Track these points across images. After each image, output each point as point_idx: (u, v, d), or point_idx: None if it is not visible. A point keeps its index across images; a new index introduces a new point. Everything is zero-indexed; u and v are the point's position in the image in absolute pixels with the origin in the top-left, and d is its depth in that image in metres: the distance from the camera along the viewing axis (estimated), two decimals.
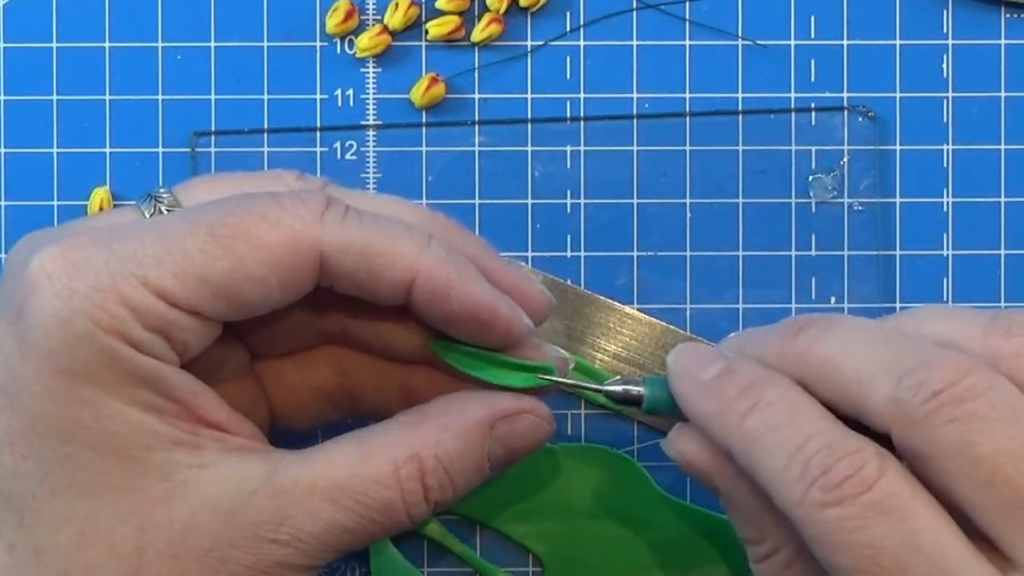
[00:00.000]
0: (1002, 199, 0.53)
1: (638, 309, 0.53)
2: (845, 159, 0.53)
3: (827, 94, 0.53)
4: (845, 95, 0.53)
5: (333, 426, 0.47)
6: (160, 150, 0.53)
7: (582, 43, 0.53)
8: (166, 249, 0.41)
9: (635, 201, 0.53)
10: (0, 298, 0.42)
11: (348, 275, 0.42)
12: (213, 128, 0.53)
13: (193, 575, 0.41)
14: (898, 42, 0.53)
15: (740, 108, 0.53)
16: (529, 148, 0.53)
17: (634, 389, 0.45)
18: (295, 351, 0.47)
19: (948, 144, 0.53)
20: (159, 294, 0.40)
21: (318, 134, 0.53)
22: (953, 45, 0.53)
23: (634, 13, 0.53)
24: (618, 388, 0.45)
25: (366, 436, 0.44)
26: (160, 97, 0.53)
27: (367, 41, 0.53)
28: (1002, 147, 0.53)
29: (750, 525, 0.44)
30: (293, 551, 0.42)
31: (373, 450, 0.43)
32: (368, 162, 0.53)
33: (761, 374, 0.43)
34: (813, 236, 0.53)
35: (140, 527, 0.41)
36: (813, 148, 0.53)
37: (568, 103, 0.53)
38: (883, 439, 0.41)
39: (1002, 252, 0.53)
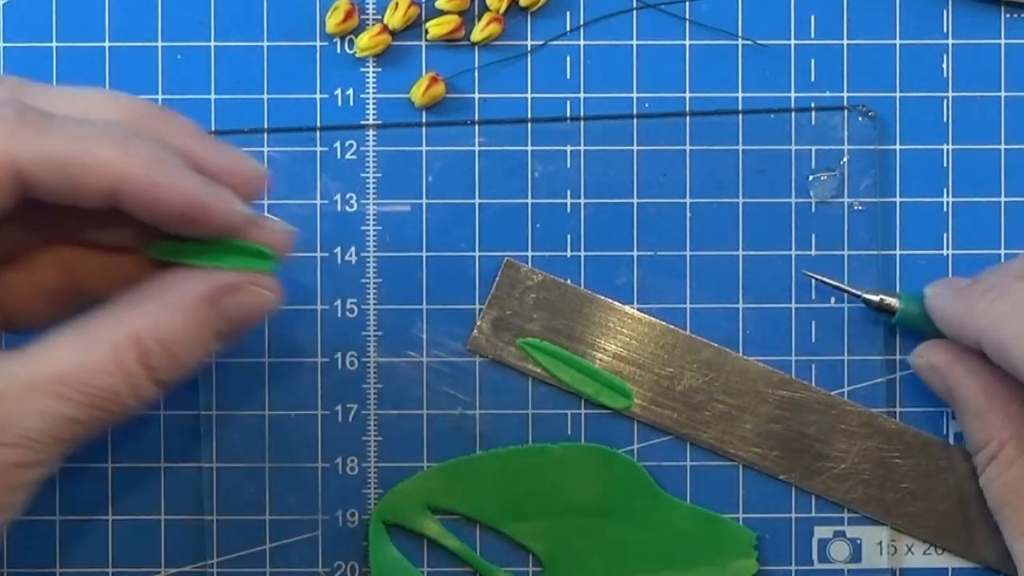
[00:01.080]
0: (1002, 199, 0.53)
1: (638, 309, 0.53)
2: (845, 159, 0.53)
3: (827, 94, 0.53)
4: (845, 95, 0.53)
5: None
6: None
7: (582, 43, 0.53)
8: None
9: (635, 201, 0.53)
10: None
11: (48, 188, 0.41)
12: (213, 128, 0.53)
13: None
14: (898, 42, 0.53)
15: (740, 108, 0.53)
16: (529, 148, 0.53)
17: (889, 299, 0.51)
18: (14, 258, 0.45)
19: (948, 144, 0.53)
20: None
21: (318, 134, 0.53)
22: (953, 45, 0.53)
23: (634, 13, 0.53)
24: (875, 297, 0.51)
25: (85, 324, 0.43)
26: (160, 97, 0.53)
27: (367, 41, 0.53)
28: (1002, 147, 0.53)
29: (978, 424, 0.49)
30: (23, 451, 0.41)
31: (91, 338, 0.42)
32: (368, 162, 0.53)
33: (1004, 279, 0.48)
34: (813, 236, 0.53)
35: None
36: (813, 148, 0.53)
37: (568, 103, 0.53)
38: None
39: (1002, 252, 0.53)
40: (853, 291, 0.51)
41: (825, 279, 0.52)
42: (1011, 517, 0.48)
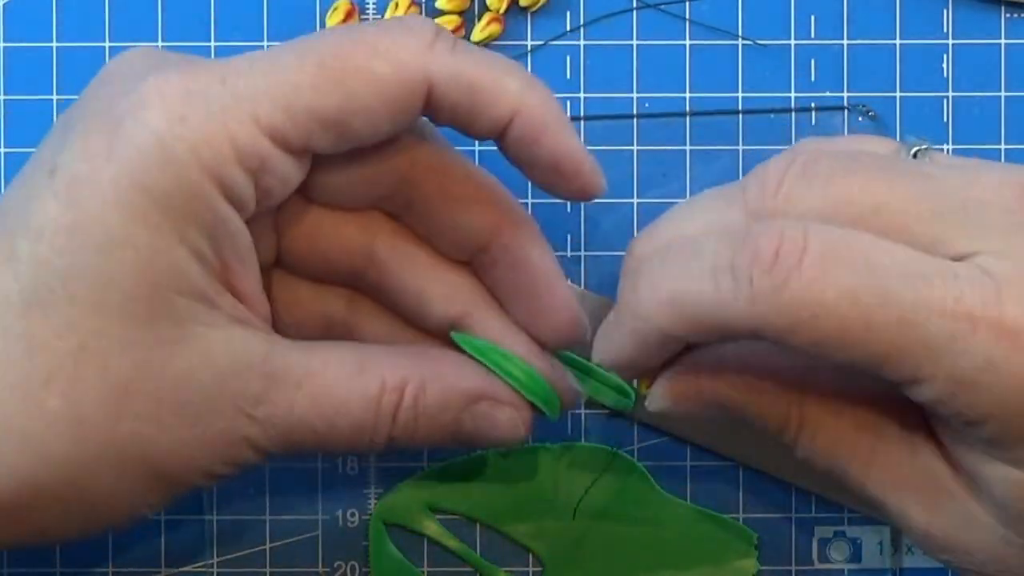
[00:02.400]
0: None
1: None
2: None
3: (827, 94, 0.53)
4: (845, 95, 0.53)
5: None
6: None
7: (582, 43, 0.53)
8: (277, 84, 0.41)
9: (635, 201, 0.53)
10: (93, 99, 0.42)
11: (451, 107, 0.42)
12: None
13: (167, 422, 0.42)
14: (898, 42, 0.53)
15: (740, 108, 0.53)
16: None
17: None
18: (346, 207, 0.46)
19: (948, 144, 0.53)
20: (268, 132, 0.41)
21: None
22: (953, 45, 0.53)
23: (634, 13, 0.53)
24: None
25: (367, 352, 0.44)
26: None
27: None
28: (1002, 147, 0.53)
29: (764, 411, 0.43)
30: (261, 431, 0.43)
31: (368, 365, 0.43)
32: None
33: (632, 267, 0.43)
34: None
35: (138, 362, 0.41)
36: None
37: (568, 103, 0.53)
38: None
39: None
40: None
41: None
42: (847, 471, 0.43)
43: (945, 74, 0.53)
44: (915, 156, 0.43)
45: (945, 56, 0.53)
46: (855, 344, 0.38)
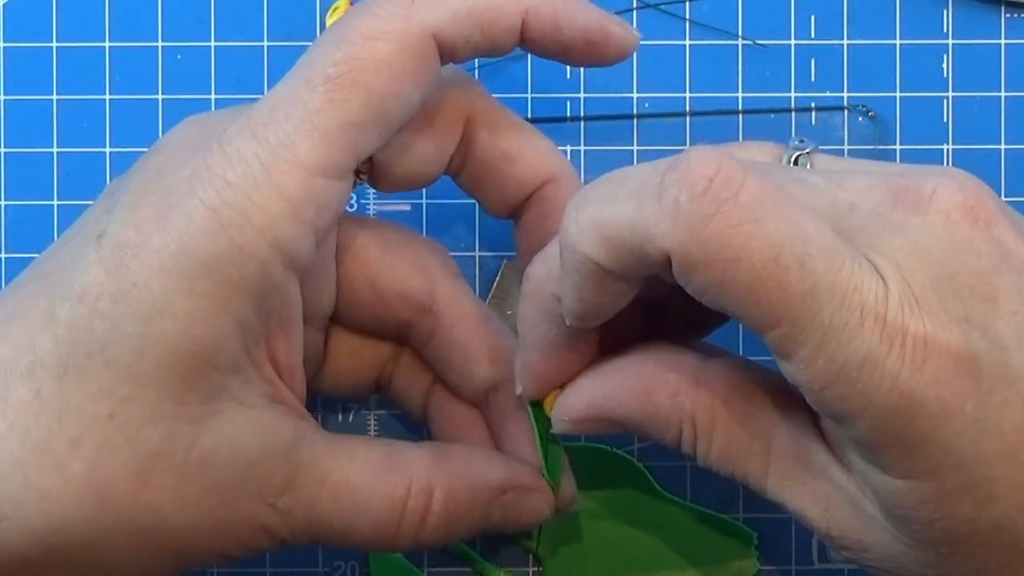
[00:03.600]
0: (1002, 199, 0.53)
1: None
2: None
3: (827, 94, 0.53)
4: (845, 95, 0.53)
5: None
6: None
7: None
8: (302, 117, 0.41)
9: None
10: (143, 170, 0.42)
11: (463, 43, 0.43)
12: None
13: (189, 501, 0.41)
14: (898, 42, 0.53)
15: (740, 108, 0.53)
16: None
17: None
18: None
19: (948, 144, 0.53)
20: (314, 170, 0.41)
21: None
22: (953, 45, 0.53)
23: (634, 13, 0.53)
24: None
25: (393, 450, 0.44)
26: (160, 97, 0.53)
27: None
28: (1002, 147, 0.53)
29: (657, 422, 0.42)
30: (281, 523, 0.42)
31: (394, 466, 0.44)
32: None
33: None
34: None
35: (165, 436, 0.41)
36: None
37: (568, 103, 0.53)
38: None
39: None
40: None
41: None
42: (747, 475, 0.43)
43: (945, 74, 0.53)
44: (795, 161, 0.43)
45: (945, 56, 0.53)
46: (758, 302, 0.37)
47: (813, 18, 0.53)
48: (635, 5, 0.53)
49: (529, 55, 0.53)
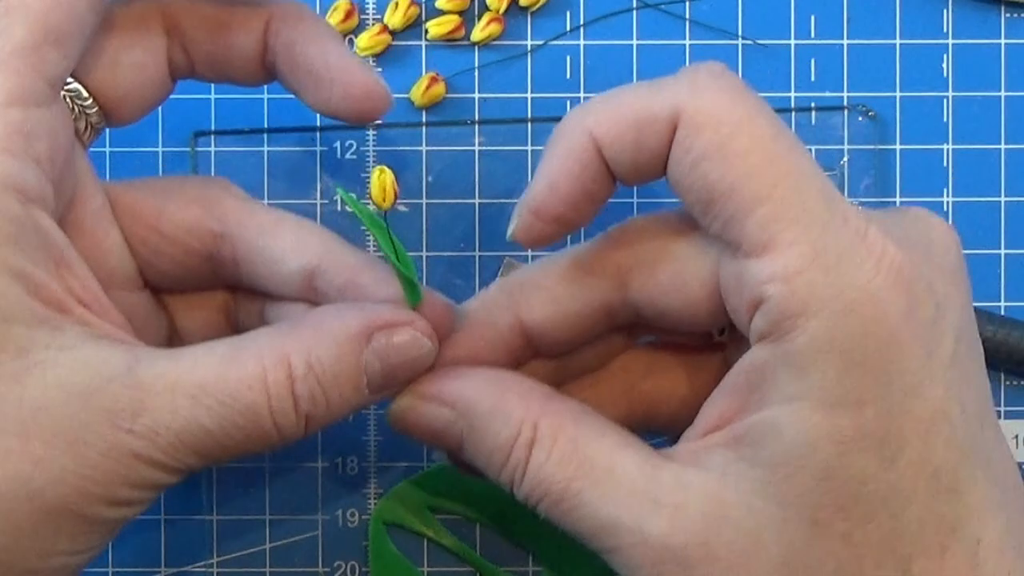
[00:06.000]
0: (1002, 199, 0.53)
1: None
2: (845, 159, 0.53)
3: (827, 94, 0.53)
4: (845, 95, 0.53)
5: None
6: (160, 150, 0.53)
7: (582, 43, 0.53)
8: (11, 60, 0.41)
9: (635, 201, 0.53)
10: None
11: (197, 29, 0.45)
12: (213, 128, 0.53)
13: (42, 455, 0.40)
14: (898, 42, 0.53)
15: None
16: (529, 148, 0.53)
17: None
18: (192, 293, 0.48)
19: (948, 144, 0.53)
20: (3, 100, 0.40)
21: (318, 134, 0.53)
22: (953, 45, 0.53)
23: (634, 13, 0.53)
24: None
25: (238, 340, 0.43)
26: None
27: (367, 40, 0.53)
28: (1002, 147, 0.53)
29: (496, 422, 0.42)
30: (148, 444, 0.40)
31: (241, 352, 0.42)
32: (368, 162, 0.53)
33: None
34: None
35: None
36: (813, 148, 0.53)
37: (568, 103, 0.53)
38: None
39: (1002, 252, 0.53)
40: None
41: None
42: (581, 491, 0.42)
43: (945, 74, 0.53)
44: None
45: (945, 56, 0.53)
46: (750, 173, 0.40)
47: (813, 18, 0.53)
48: (635, 5, 0.53)
49: (529, 55, 0.53)
